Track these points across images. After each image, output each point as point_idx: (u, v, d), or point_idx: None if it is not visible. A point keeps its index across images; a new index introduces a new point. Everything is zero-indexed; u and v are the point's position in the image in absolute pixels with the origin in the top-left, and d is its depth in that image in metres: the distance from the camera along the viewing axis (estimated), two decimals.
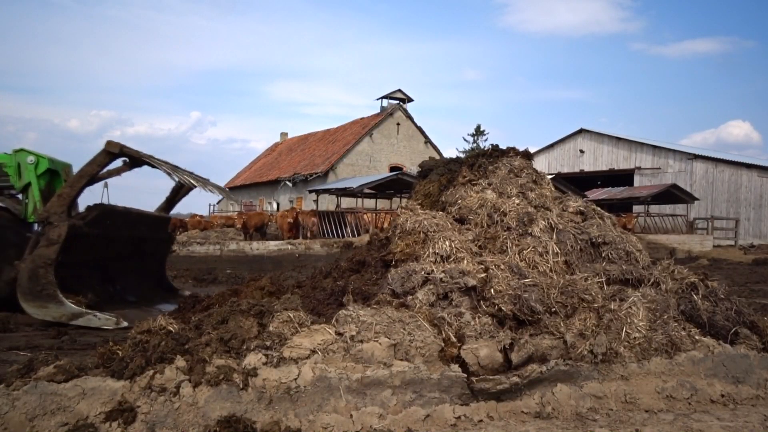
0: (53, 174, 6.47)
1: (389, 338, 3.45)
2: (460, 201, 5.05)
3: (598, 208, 5.16)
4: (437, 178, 5.70)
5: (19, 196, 6.94)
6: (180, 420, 2.96)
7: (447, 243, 4.37)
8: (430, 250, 4.34)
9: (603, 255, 4.57)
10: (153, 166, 6.36)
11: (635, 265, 4.49)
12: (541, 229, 4.63)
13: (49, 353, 3.55)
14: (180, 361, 3.16)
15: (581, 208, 5.06)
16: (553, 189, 5.41)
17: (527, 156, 5.68)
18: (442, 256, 4.27)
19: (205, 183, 7.03)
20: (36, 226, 6.17)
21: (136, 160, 6.17)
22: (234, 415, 2.95)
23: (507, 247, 4.46)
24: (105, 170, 6.18)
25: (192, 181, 6.75)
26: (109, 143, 5.78)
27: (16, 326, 5.78)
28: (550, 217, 4.77)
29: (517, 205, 4.85)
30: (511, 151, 5.64)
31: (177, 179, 6.64)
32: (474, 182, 5.27)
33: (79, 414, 2.94)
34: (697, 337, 3.94)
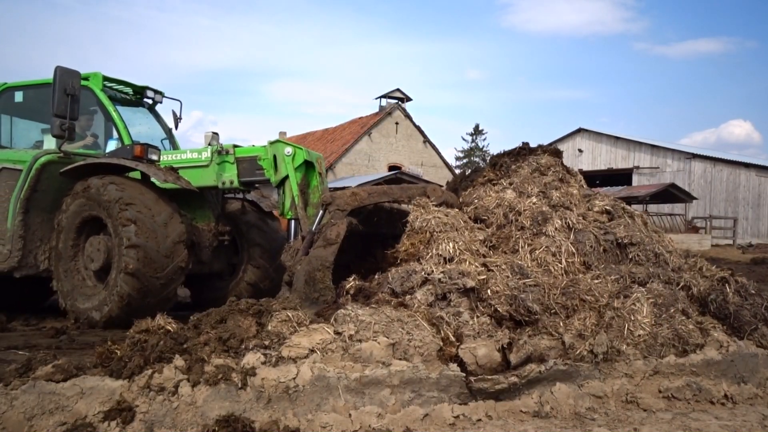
0: (308, 165, 5.85)
1: (388, 337, 3.44)
2: (476, 201, 4.96)
3: (628, 207, 5.01)
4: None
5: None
6: (178, 419, 2.96)
7: (451, 245, 4.24)
8: (434, 251, 4.23)
9: (630, 256, 4.46)
10: None
11: (664, 267, 4.39)
12: (556, 228, 4.51)
13: (47, 353, 3.55)
14: (178, 361, 3.15)
15: (607, 207, 4.91)
16: (583, 186, 5.25)
17: (556, 153, 5.49)
18: (445, 258, 4.17)
19: None
20: (293, 223, 5.60)
21: None
22: (233, 415, 2.95)
23: (519, 247, 4.38)
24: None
25: None
26: None
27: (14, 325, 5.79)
28: (568, 216, 4.64)
29: (533, 204, 4.75)
30: (539, 149, 5.46)
31: None
32: (494, 182, 5.18)
33: (78, 413, 2.93)
34: (714, 333, 3.89)
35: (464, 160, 65.23)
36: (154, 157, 6.04)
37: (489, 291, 3.89)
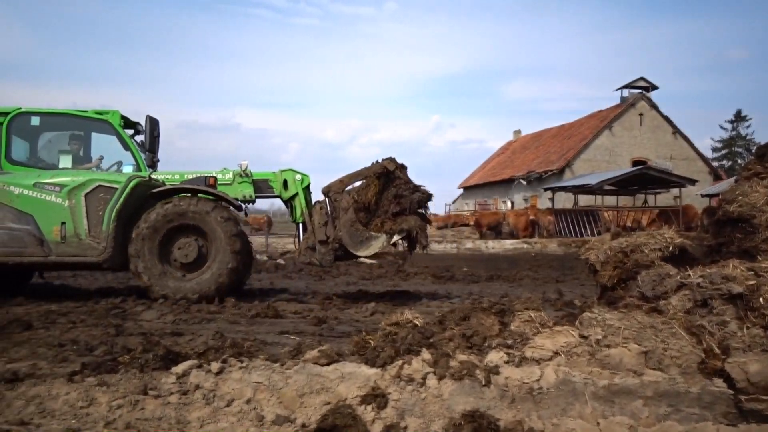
0: (308, 187, 8.57)
1: (640, 345, 3.22)
2: (740, 197, 4.39)
3: None
4: None
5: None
6: (426, 410, 3.11)
7: None
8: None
9: None
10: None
11: None
12: None
13: (313, 339, 3.99)
14: (425, 354, 3.31)
15: None
16: None
17: None
18: None
19: None
20: (300, 226, 8.53)
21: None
22: (477, 411, 3.01)
23: None
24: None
25: None
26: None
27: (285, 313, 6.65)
28: None
29: None
30: None
31: None
32: (763, 176, 4.54)
33: (339, 395, 3.24)
34: None
35: (723, 151, 58.05)
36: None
37: (761, 299, 3.41)
